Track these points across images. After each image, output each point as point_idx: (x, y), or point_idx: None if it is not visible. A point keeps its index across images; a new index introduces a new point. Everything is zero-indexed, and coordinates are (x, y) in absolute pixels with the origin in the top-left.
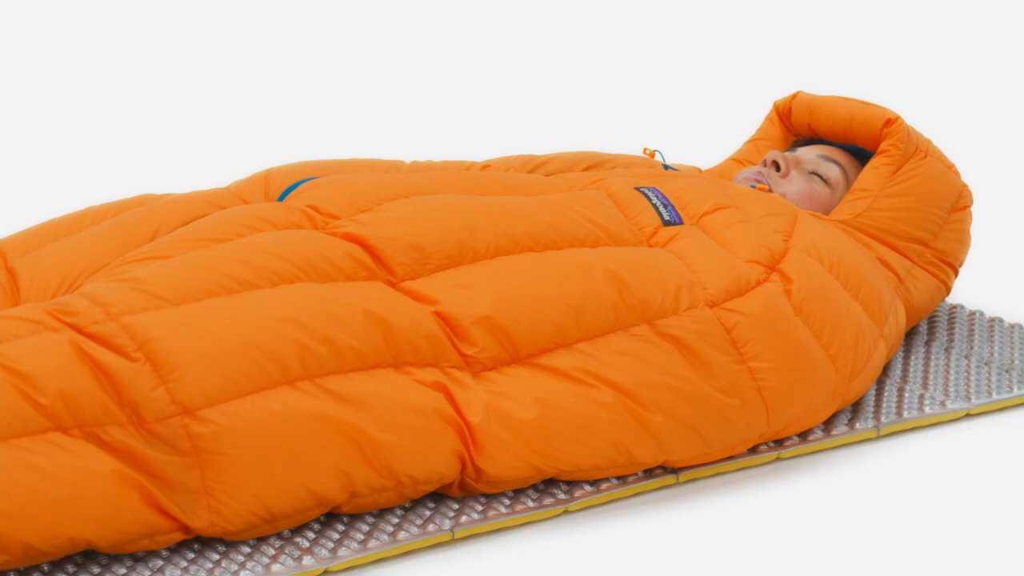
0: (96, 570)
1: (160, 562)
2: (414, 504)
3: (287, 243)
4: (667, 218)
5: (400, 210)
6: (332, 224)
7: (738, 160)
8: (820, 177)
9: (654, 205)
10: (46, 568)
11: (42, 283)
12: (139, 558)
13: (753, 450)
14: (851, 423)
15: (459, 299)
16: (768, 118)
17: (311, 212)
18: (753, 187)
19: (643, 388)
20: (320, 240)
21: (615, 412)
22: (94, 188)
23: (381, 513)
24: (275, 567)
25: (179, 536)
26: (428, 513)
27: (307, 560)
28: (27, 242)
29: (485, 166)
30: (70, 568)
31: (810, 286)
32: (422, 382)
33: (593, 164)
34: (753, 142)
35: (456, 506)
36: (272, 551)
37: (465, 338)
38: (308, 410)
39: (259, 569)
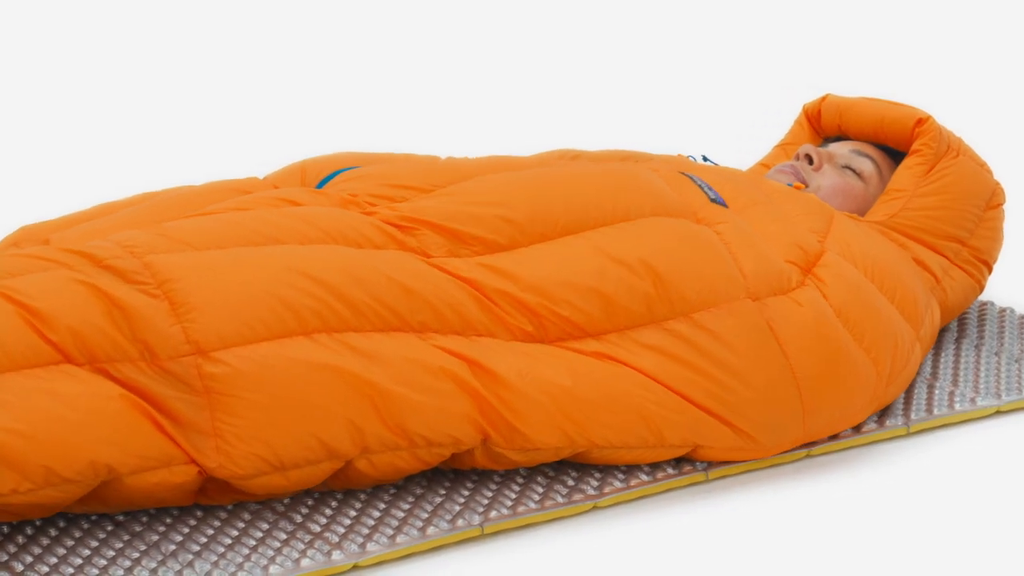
0: (135, 555)
1: (190, 556)
2: (443, 499)
3: (319, 213)
4: (712, 196)
5: (436, 199)
6: (367, 210)
7: (767, 165)
8: (853, 171)
9: (699, 186)
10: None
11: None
12: (171, 552)
13: None
14: (881, 420)
15: (490, 278)
16: (797, 122)
17: (348, 198)
18: (789, 185)
19: (676, 380)
20: (353, 216)
21: (648, 389)
22: (98, 188)
23: (411, 508)
24: (304, 562)
25: (193, 471)
26: (457, 508)
27: (336, 555)
28: (61, 223)
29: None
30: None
31: (846, 291)
32: (444, 348)
33: (629, 158)
34: (782, 146)
35: (485, 502)
36: (301, 546)
37: (500, 307)
38: (322, 360)
39: (288, 564)
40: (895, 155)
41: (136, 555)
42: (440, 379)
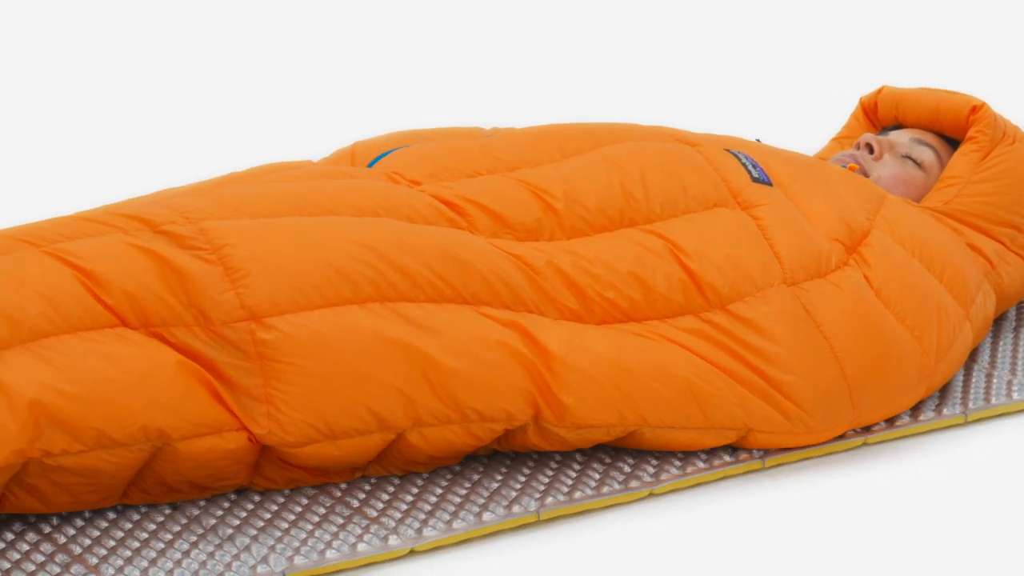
0: (192, 539)
1: (247, 540)
2: (500, 485)
3: (371, 188)
4: (756, 175)
5: (481, 184)
6: (415, 188)
7: (823, 158)
8: (913, 161)
9: (743, 164)
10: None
11: None
12: (228, 536)
13: (840, 435)
14: (938, 409)
15: (539, 255)
16: (853, 115)
17: (396, 177)
18: (844, 167)
19: (720, 362)
20: (406, 190)
21: (695, 365)
22: (99, 186)
23: (467, 494)
24: (361, 546)
25: (244, 435)
26: (514, 494)
27: (393, 540)
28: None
29: None
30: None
31: (889, 270)
32: (495, 319)
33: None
34: (838, 140)
35: (542, 487)
36: (358, 530)
37: (549, 283)
38: (375, 330)
39: (345, 548)
40: (954, 144)
41: (193, 538)
42: (494, 351)
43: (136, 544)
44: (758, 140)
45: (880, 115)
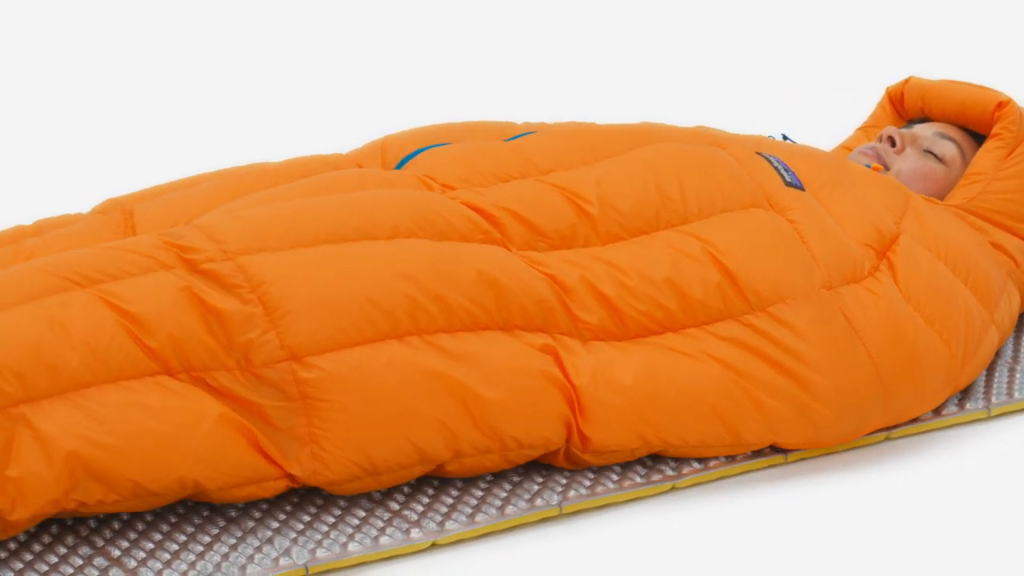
0: (213, 533)
1: (269, 533)
2: (522, 479)
3: (406, 199)
4: (788, 179)
5: (515, 190)
6: (449, 193)
7: (849, 148)
8: (935, 155)
9: (776, 168)
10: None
11: (158, 220)
12: (250, 528)
13: None
14: (961, 404)
15: (571, 270)
16: (880, 104)
17: (428, 181)
18: (868, 166)
19: (756, 372)
20: (437, 199)
21: (724, 386)
22: (98, 185)
23: (489, 487)
24: (383, 539)
25: (284, 484)
26: (536, 488)
27: (415, 533)
28: (144, 194)
29: None
30: (186, 531)
31: (917, 275)
32: (531, 345)
33: (707, 137)
34: (864, 129)
35: (564, 481)
36: (380, 523)
37: (580, 304)
38: (415, 364)
39: (367, 541)
40: (981, 138)
41: (215, 531)
42: (534, 380)
43: (158, 536)
44: (784, 137)
45: (907, 106)
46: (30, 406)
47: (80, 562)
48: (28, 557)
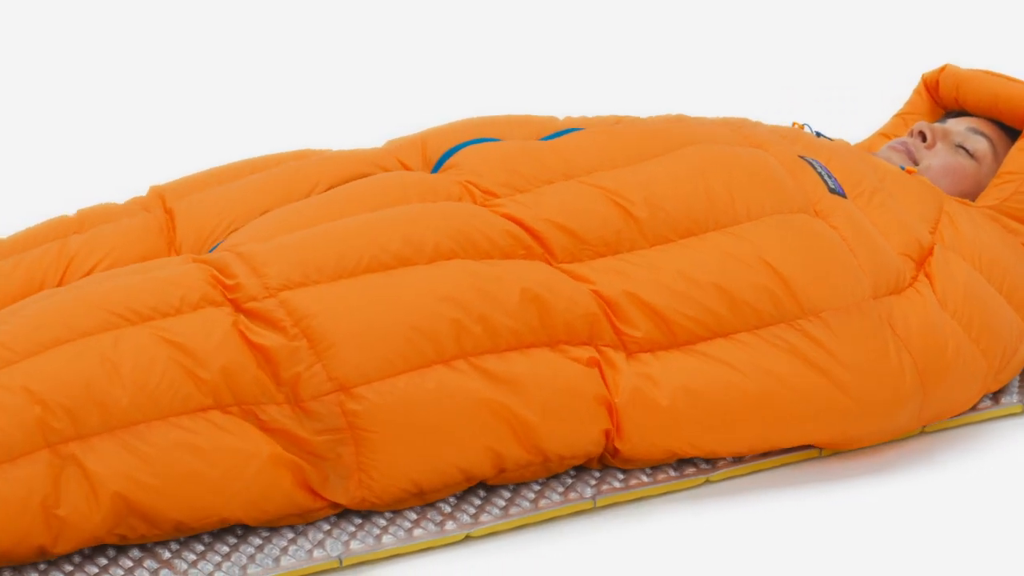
0: (241, 537)
1: (303, 525)
2: (555, 473)
3: (446, 216)
4: (832, 186)
5: (558, 195)
6: (492, 202)
7: (885, 134)
8: (966, 151)
9: (819, 173)
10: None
11: (198, 223)
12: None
13: None
14: (996, 398)
15: (615, 282)
16: (916, 91)
17: (470, 188)
18: (902, 168)
19: (802, 381)
20: (479, 215)
21: (765, 406)
22: (100, 184)
23: (522, 482)
24: (417, 532)
25: (328, 512)
26: (570, 481)
27: (449, 525)
28: (184, 187)
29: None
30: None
31: (954, 286)
32: (577, 360)
33: (743, 126)
34: (901, 116)
35: (598, 474)
36: (414, 515)
37: (624, 319)
38: (462, 390)
39: (401, 534)
40: (1016, 133)
41: (241, 532)
42: (577, 398)
43: (208, 538)
44: (805, 126)
45: (941, 95)
46: (80, 444)
47: (114, 553)
48: (78, 559)
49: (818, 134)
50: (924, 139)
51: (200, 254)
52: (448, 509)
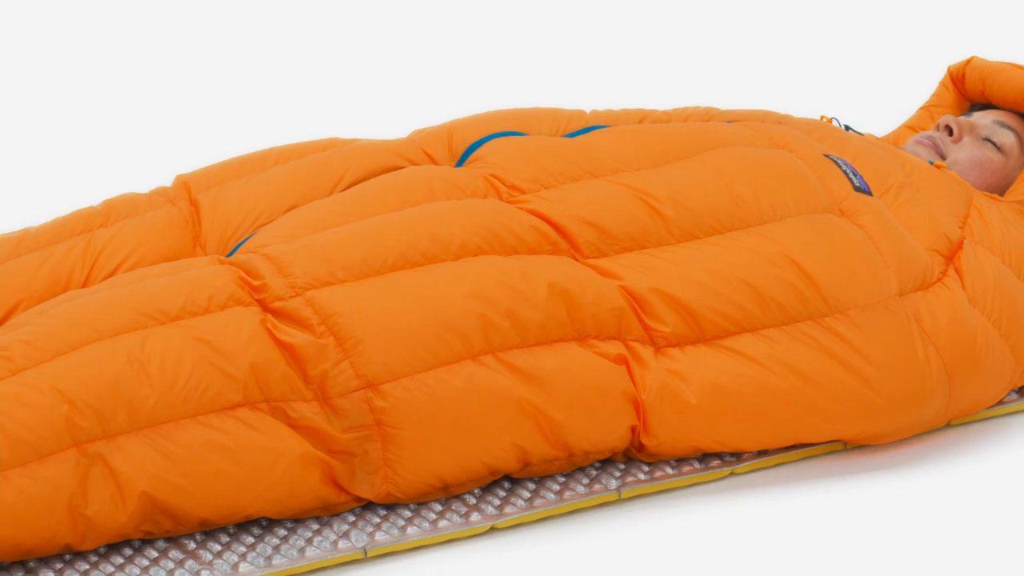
0: (266, 528)
1: (328, 515)
2: (579, 467)
3: (472, 213)
4: (857, 184)
5: (585, 192)
6: (517, 198)
7: (911, 127)
8: (994, 144)
9: (844, 172)
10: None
11: (224, 220)
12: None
13: None
14: (1022, 392)
15: (643, 278)
16: (942, 83)
17: (495, 182)
18: (931, 163)
19: (829, 378)
20: (505, 211)
21: (792, 404)
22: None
23: (547, 475)
24: (442, 523)
25: (352, 505)
26: (595, 473)
27: (474, 517)
28: (210, 177)
29: (664, 118)
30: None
31: (984, 280)
32: (605, 355)
33: (768, 119)
34: (927, 108)
35: (622, 466)
36: (439, 507)
37: (652, 314)
38: (490, 386)
39: (426, 525)
40: None
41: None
42: (605, 395)
43: (233, 529)
44: (832, 119)
45: (967, 88)
46: (107, 443)
47: (139, 544)
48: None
49: (847, 127)
50: (951, 133)
51: (225, 251)
52: (473, 501)
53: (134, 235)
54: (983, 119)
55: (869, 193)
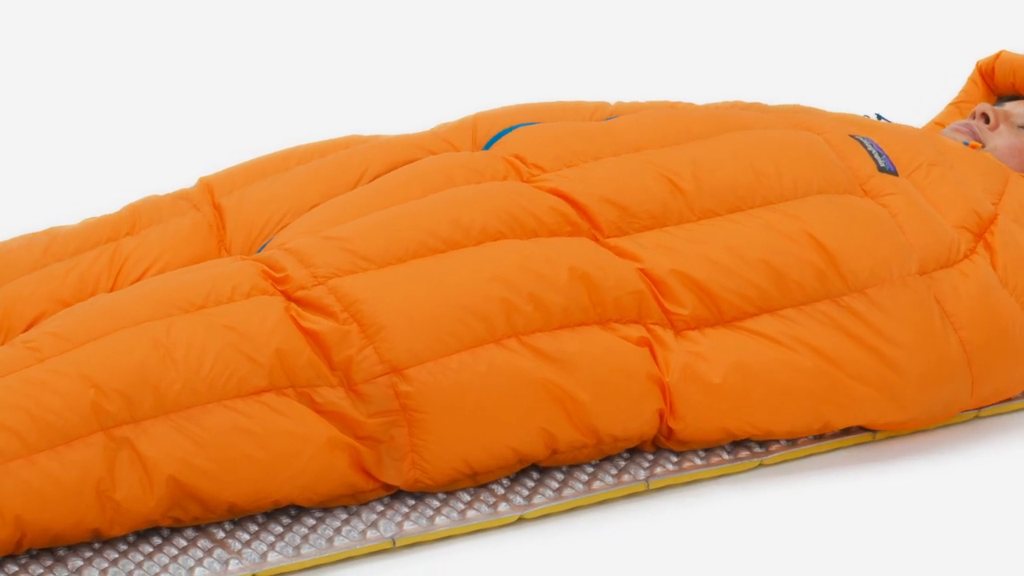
0: (295, 517)
1: (356, 505)
2: (608, 456)
3: (492, 197)
4: (882, 164)
5: (607, 169)
6: (538, 177)
7: (940, 123)
8: None
9: (869, 152)
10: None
11: (248, 221)
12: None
13: None
14: None
15: (662, 259)
16: (971, 79)
17: (516, 162)
18: (965, 144)
19: (848, 357)
20: (525, 193)
21: (815, 380)
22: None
23: (575, 464)
24: (470, 513)
25: (381, 493)
26: (623, 463)
27: (502, 507)
28: (234, 179)
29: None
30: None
31: (1015, 256)
32: (627, 338)
33: (799, 111)
34: (956, 104)
35: (651, 457)
36: (467, 497)
37: (671, 297)
38: (515, 370)
39: (454, 515)
40: None
41: (320, 514)
42: (630, 377)
43: (254, 527)
44: (878, 116)
45: (997, 81)
46: (133, 427)
47: (167, 532)
48: (148, 549)
49: (879, 116)
50: (987, 121)
51: (251, 253)
52: (501, 491)
53: (159, 242)
54: (1017, 108)
55: (895, 173)
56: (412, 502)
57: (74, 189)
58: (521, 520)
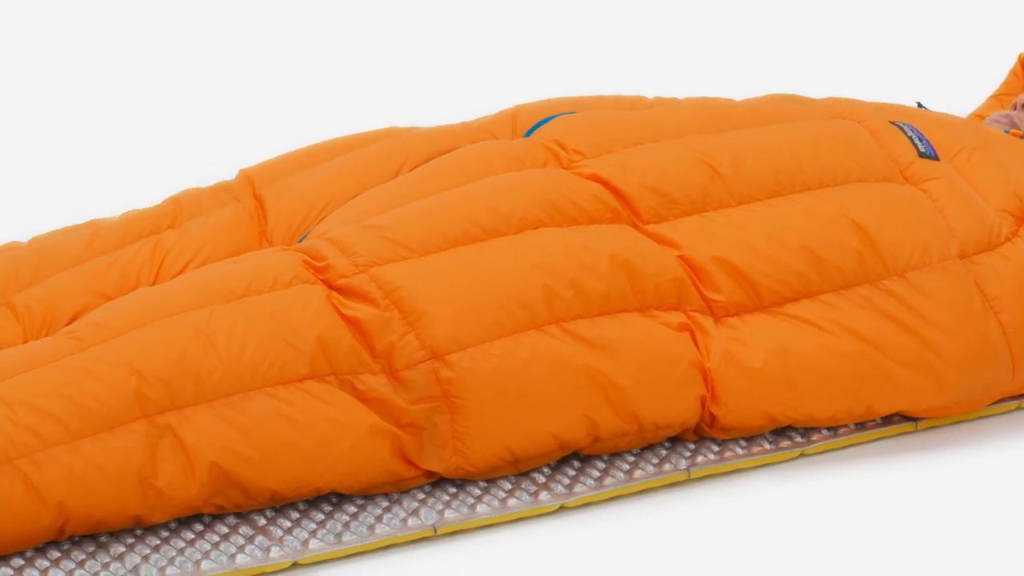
0: (336, 505)
1: (397, 493)
2: (650, 444)
3: (532, 184)
4: (923, 150)
5: (646, 155)
6: (578, 163)
7: (981, 115)
8: None
9: (909, 138)
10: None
11: (289, 212)
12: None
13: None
14: None
15: (703, 246)
16: (1012, 71)
17: (556, 148)
18: (1007, 132)
19: (890, 340)
20: (565, 180)
21: (857, 364)
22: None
23: (617, 452)
24: (511, 501)
25: (423, 481)
26: (664, 452)
27: (543, 495)
28: (274, 171)
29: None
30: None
31: None
32: (668, 325)
33: (842, 103)
34: (996, 97)
35: (692, 446)
36: (508, 485)
37: (710, 283)
38: (556, 356)
39: (495, 503)
40: None
41: (361, 502)
42: (673, 365)
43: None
44: (919, 105)
45: None
46: (175, 414)
47: (209, 519)
48: (190, 536)
49: (919, 104)
50: None
51: (292, 244)
52: (542, 479)
53: (200, 234)
54: None
55: (936, 158)
56: (453, 490)
57: (116, 181)
58: (562, 509)
